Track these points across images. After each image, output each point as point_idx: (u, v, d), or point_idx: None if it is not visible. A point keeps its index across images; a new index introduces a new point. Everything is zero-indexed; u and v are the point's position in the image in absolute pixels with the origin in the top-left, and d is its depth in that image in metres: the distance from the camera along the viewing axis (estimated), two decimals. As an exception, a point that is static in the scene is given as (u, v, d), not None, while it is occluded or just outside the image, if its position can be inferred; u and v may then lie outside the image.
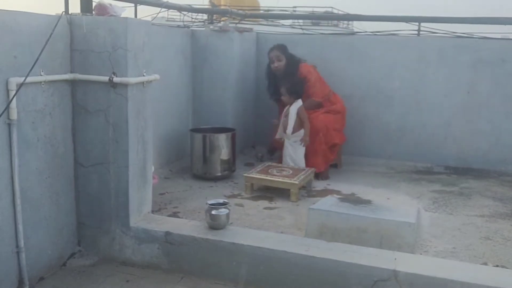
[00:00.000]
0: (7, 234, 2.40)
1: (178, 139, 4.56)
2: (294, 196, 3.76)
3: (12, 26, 2.32)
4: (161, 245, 2.79)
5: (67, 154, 2.79)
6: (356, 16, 6.10)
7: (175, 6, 4.75)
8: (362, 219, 2.86)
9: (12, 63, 2.34)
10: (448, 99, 4.71)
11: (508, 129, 4.60)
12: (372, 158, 4.89)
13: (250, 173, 3.99)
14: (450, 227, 3.30)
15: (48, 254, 2.70)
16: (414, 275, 2.36)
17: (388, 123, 4.90)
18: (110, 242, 2.88)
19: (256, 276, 2.63)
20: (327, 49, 4.98)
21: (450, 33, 4.80)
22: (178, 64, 4.53)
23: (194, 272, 2.73)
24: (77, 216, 2.91)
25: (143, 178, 2.95)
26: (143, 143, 2.90)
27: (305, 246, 2.61)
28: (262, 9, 8.14)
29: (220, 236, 2.72)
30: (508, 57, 4.54)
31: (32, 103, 2.49)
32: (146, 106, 2.91)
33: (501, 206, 3.75)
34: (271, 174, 3.97)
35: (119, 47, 2.65)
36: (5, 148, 2.34)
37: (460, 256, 2.87)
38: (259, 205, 3.65)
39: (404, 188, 4.15)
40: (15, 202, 2.40)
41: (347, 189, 4.07)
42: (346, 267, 2.47)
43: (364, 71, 4.91)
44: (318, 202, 3.25)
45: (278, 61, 4.51)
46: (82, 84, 2.76)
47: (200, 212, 3.47)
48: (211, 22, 5.29)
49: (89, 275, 2.71)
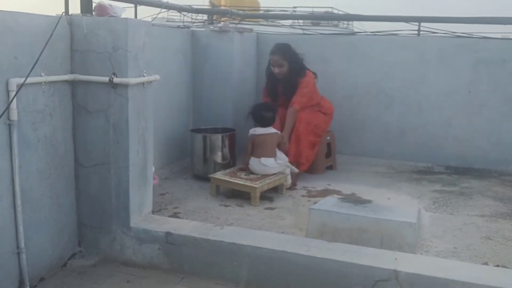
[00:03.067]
0: (8, 234, 2.40)
1: (178, 140, 4.56)
2: (253, 200, 3.65)
3: (12, 27, 2.32)
4: (162, 245, 2.79)
5: (67, 155, 2.79)
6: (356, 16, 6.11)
7: (175, 6, 4.75)
8: (363, 219, 2.86)
9: (13, 63, 2.34)
10: (449, 99, 4.71)
11: (509, 128, 4.59)
12: (373, 158, 4.89)
13: (215, 175, 3.89)
14: (451, 227, 3.30)
15: (49, 254, 2.70)
16: (415, 275, 2.36)
17: (388, 123, 4.90)
18: (110, 243, 2.88)
19: (257, 276, 2.63)
20: (327, 49, 4.98)
21: (451, 33, 4.80)
22: (178, 65, 4.54)
23: (195, 272, 2.73)
24: (78, 216, 2.91)
25: (143, 179, 2.95)
26: (143, 144, 2.90)
27: (305, 246, 2.60)
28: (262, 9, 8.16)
29: (221, 236, 2.72)
30: (508, 56, 4.54)
31: (33, 103, 2.49)
32: (147, 107, 2.91)
33: (502, 206, 3.75)
34: (238, 176, 3.86)
35: (120, 47, 2.65)
36: (5, 148, 2.34)
37: (461, 256, 2.87)
38: (260, 206, 3.64)
39: (404, 188, 4.14)
40: (16, 202, 2.40)
41: (348, 189, 4.07)
42: (346, 267, 2.47)
43: (364, 71, 4.91)
44: (319, 202, 3.24)
45: (279, 67, 4.34)
46: (83, 85, 2.76)
47: (201, 212, 3.47)
48: (211, 22, 5.30)
49: (89, 276, 2.71)
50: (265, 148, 3.95)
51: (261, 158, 3.90)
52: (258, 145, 3.98)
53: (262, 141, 3.98)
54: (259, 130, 4.03)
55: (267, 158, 3.91)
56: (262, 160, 3.90)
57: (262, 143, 3.98)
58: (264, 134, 4.00)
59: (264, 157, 3.91)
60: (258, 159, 3.92)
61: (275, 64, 4.36)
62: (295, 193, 3.99)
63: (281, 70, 4.35)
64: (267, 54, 4.53)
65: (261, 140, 3.99)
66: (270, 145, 3.97)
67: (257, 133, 4.02)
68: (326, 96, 4.61)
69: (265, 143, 3.97)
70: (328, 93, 4.67)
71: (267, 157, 3.92)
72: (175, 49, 4.46)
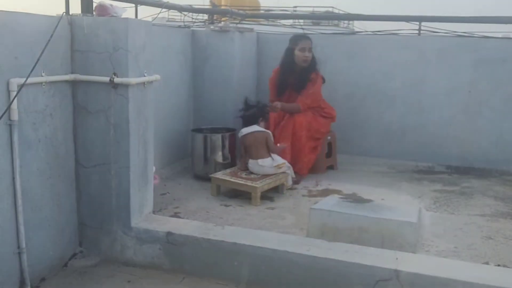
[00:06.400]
0: (9, 235, 2.40)
1: (179, 140, 4.57)
2: (254, 200, 3.65)
3: (13, 27, 2.32)
4: (163, 245, 2.79)
5: (68, 155, 2.79)
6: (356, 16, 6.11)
7: (175, 6, 4.75)
8: (364, 218, 2.86)
9: (13, 64, 2.34)
10: (449, 98, 4.71)
11: (509, 128, 4.59)
12: (373, 158, 4.89)
13: (216, 174, 3.90)
14: (452, 226, 3.30)
15: (50, 254, 2.70)
16: (415, 274, 2.35)
17: (389, 122, 4.90)
18: (111, 243, 2.88)
19: (258, 276, 2.63)
20: (327, 49, 4.97)
21: (451, 33, 4.80)
22: (178, 64, 4.53)
23: (196, 272, 2.73)
24: (78, 216, 2.91)
25: (144, 179, 2.95)
26: (144, 144, 2.90)
27: (306, 246, 2.60)
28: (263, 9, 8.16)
29: (222, 236, 2.72)
30: (509, 56, 4.53)
31: (33, 104, 2.49)
32: (147, 107, 2.91)
33: (503, 205, 3.75)
34: (239, 176, 3.87)
35: (120, 47, 2.65)
36: (6, 149, 2.34)
37: (461, 255, 2.86)
38: (260, 205, 3.64)
39: (405, 188, 4.14)
40: (17, 203, 2.40)
41: (348, 188, 4.07)
42: (347, 267, 2.47)
43: (364, 70, 4.90)
44: (320, 202, 3.24)
45: (309, 52, 4.37)
46: (83, 85, 2.76)
47: (201, 212, 3.47)
48: (211, 22, 5.29)
49: (90, 276, 2.71)
50: (258, 148, 3.94)
51: (258, 160, 3.90)
52: (250, 145, 3.97)
53: (252, 141, 3.97)
54: (245, 130, 4.03)
55: (264, 159, 3.91)
56: (259, 162, 3.90)
57: (252, 144, 3.97)
58: (251, 133, 3.99)
59: (260, 158, 3.91)
60: (255, 160, 3.92)
61: (307, 49, 4.36)
62: (295, 193, 3.99)
63: (310, 56, 4.37)
64: (268, 54, 4.53)
65: (251, 140, 3.98)
66: (261, 145, 3.96)
67: (244, 134, 4.02)
68: (326, 95, 4.60)
69: (255, 143, 3.96)
70: (329, 93, 4.66)
71: (263, 158, 3.91)
72: (175, 49, 4.46)
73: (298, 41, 4.41)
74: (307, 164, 4.32)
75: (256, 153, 3.93)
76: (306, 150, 4.29)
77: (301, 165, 4.27)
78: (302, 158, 4.27)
